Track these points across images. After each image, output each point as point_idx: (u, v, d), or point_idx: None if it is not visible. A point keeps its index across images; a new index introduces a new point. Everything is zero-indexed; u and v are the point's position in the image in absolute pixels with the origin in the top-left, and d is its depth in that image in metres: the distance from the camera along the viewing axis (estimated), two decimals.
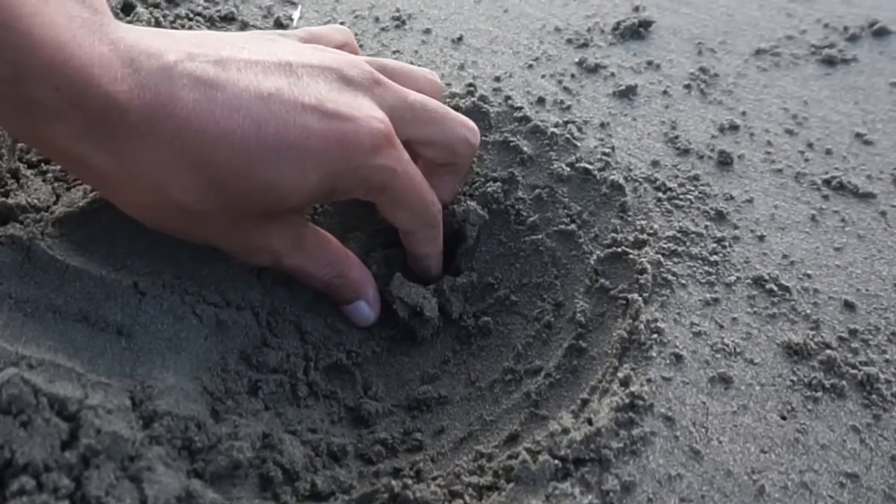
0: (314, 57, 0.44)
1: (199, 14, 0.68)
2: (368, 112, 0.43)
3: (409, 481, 0.39)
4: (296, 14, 0.70)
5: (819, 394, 0.43)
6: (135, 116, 0.36)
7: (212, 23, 0.67)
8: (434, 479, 0.40)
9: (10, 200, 0.43)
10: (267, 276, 0.47)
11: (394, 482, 0.38)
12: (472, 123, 0.50)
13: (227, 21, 0.68)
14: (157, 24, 0.64)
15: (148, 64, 0.37)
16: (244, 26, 0.67)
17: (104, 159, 0.37)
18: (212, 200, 0.40)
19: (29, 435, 0.32)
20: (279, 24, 0.68)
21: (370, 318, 0.49)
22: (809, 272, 0.50)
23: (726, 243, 0.51)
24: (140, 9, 0.66)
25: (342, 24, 0.70)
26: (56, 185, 0.47)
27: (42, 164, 0.49)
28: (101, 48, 0.36)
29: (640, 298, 0.46)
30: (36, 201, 0.44)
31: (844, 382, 0.43)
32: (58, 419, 0.33)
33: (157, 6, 0.68)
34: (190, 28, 0.65)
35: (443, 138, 0.48)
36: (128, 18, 0.64)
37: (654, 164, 0.56)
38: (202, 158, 0.38)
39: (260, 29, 0.68)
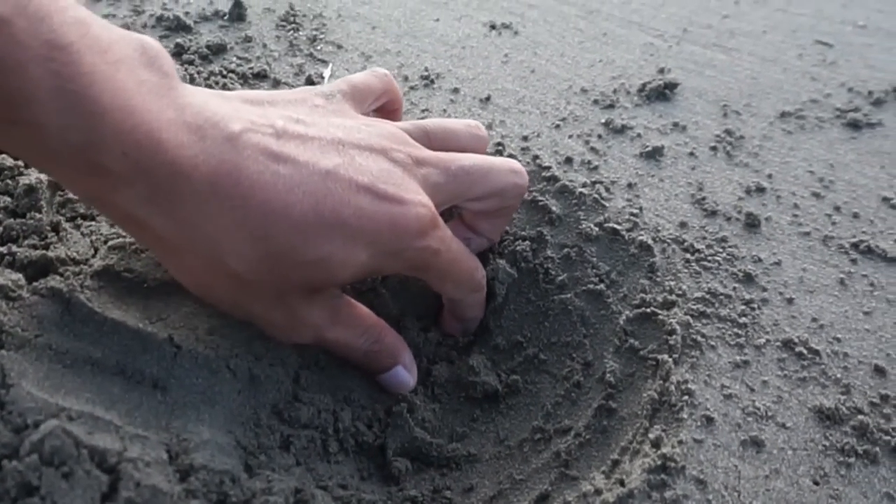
0: (361, 136, 0.45)
1: (232, 71, 0.69)
2: (415, 196, 0.44)
3: None
4: (326, 73, 0.72)
5: (852, 459, 0.43)
6: (199, 183, 0.37)
7: (244, 80, 0.68)
8: None
9: (50, 253, 0.44)
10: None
11: None
12: (517, 165, 0.52)
13: (259, 78, 0.69)
14: (192, 81, 0.65)
15: (213, 133, 0.38)
16: (276, 84, 0.69)
17: (165, 224, 0.38)
18: (264, 271, 0.41)
19: (70, 486, 0.32)
20: (310, 82, 0.69)
21: (409, 383, 0.49)
22: (839, 336, 0.50)
23: (755, 305, 0.51)
24: (175, 66, 0.67)
25: None
26: (94, 238, 0.48)
27: (78, 220, 0.50)
28: (168, 113, 0.37)
29: (670, 359, 0.46)
30: (75, 254, 0.45)
31: (878, 449, 0.43)
32: (98, 471, 0.34)
33: (191, 63, 0.69)
34: (224, 84, 0.66)
35: (489, 192, 0.50)
36: None
37: (682, 225, 0.57)
38: (262, 229, 0.39)
39: (291, 85, 0.69)
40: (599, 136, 0.66)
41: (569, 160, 0.62)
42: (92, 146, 0.35)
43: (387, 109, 0.54)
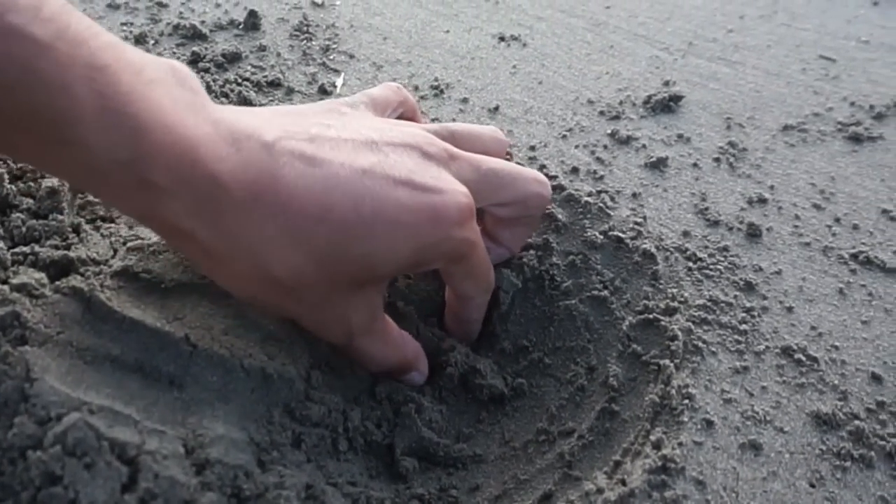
0: (393, 134, 0.46)
1: (246, 79, 0.70)
2: (453, 185, 0.45)
3: None
4: (339, 81, 0.73)
5: (848, 463, 0.44)
6: (239, 194, 0.39)
7: (259, 88, 0.70)
8: None
9: (71, 253, 0.45)
10: (310, 332, 0.48)
11: None
12: (542, 177, 0.53)
13: (273, 86, 0.71)
14: (208, 89, 0.67)
15: (249, 144, 0.40)
16: (290, 92, 0.70)
17: (210, 235, 0.39)
18: (309, 275, 0.41)
19: (92, 477, 0.34)
20: (323, 91, 0.71)
21: (420, 383, 0.51)
22: (837, 344, 0.51)
23: (755, 313, 0.52)
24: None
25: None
26: (113, 240, 0.49)
27: (98, 222, 0.51)
28: (205, 128, 0.38)
29: (671, 364, 0.48)
30: (95, 255, 0.47)
31: (873, 453, 0.44)
32: (118, 462, 0.35)
33: (207, 71, 0.71)
34: (238, 92, 0.68)
35: (514, 198, 0.51)
36: None
37: (685, 234, 0.58)
38: (304, 235, 0.40)
39: (304, 94, 0.70)
40: (605, 147, 0.67)
41: (575, 170, 0.63)
42: (137, 162, 0.36)
43: (405, 118, 0.56)
